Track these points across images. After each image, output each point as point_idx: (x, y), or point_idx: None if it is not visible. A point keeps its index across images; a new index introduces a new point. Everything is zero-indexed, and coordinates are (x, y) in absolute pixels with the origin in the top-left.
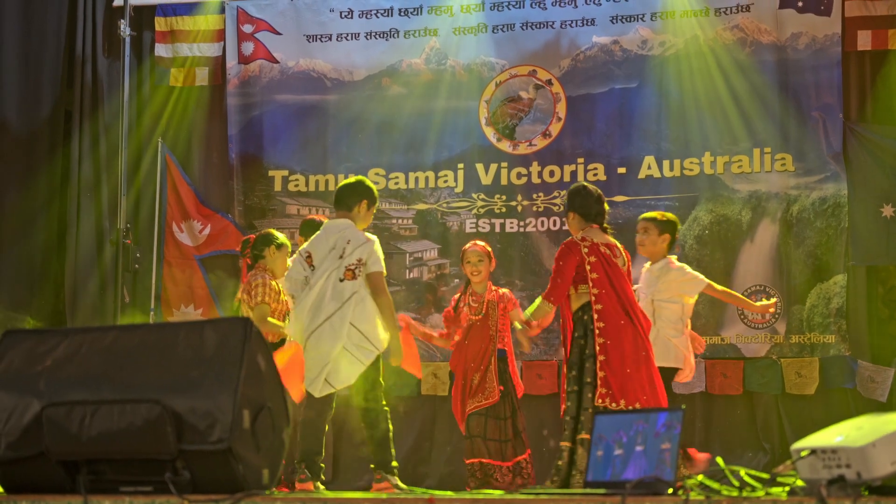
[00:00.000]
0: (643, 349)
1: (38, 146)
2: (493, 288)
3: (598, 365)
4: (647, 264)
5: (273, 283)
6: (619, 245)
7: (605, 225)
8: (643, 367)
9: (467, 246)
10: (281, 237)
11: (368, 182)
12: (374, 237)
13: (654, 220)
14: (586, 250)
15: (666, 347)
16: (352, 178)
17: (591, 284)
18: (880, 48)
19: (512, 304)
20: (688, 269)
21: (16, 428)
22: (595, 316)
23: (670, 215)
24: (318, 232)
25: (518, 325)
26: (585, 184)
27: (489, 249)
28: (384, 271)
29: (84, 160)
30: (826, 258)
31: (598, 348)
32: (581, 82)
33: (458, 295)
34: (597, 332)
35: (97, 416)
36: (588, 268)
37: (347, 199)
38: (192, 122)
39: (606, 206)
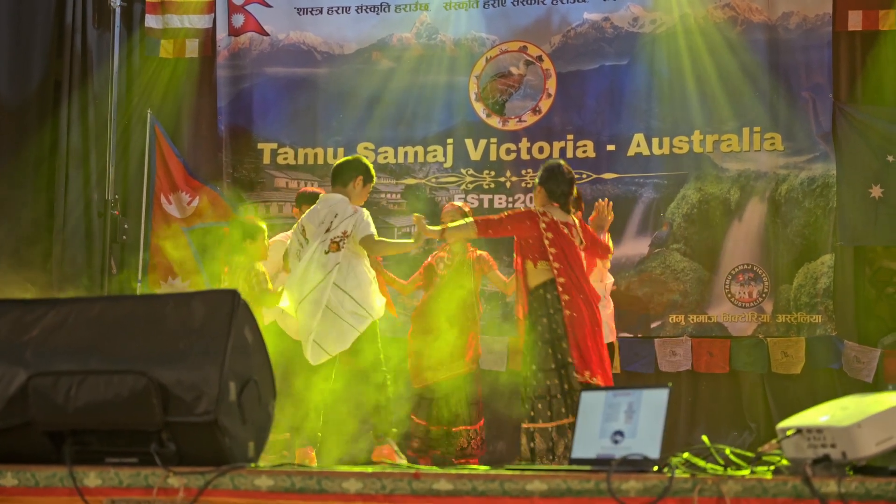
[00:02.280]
0: (597, 324)
1: (27, 116)
2: (471, 249)
3: (568, 338)
4: None
5: (261, 267)
6: (577, 225)
7: (569, 207)
8: (598, 342)
9: (445, 207)
10: (252, 227)
11: (365, 160)
12: (362, 209)
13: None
14: (544, 225)
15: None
16: (350, 156)
17: (551, 259)
18: (871, 28)
19: (488, 267)
20: None
21: (1, 398)
22: (560, 289)
23: None
24: (314, 205)
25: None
26: (562, 162)
27: (465, 209)
28: (375, 234)
29: (72, 131)
30: (814, 238)
31: (565, 321)
32: (571, 59)
33: (436, 251)
34: (563, 304)
35: (83, 387)
36: (546, 243)
37: (343, 175)
38: (182, 94)
39: (576, 192)
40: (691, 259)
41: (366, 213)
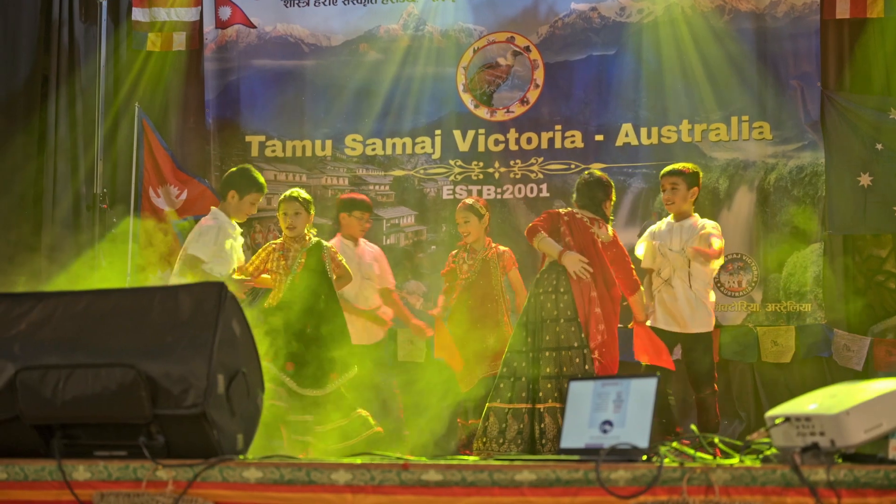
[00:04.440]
0: None
1: (14, 111)
2: (493, 245)
3: None
4: (670, 219)
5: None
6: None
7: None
8: None
9: (460, 205)
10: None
11: (250, 171)
12: (210, 224)
13: (681, 173)
14: None
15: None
16: (234, 167)
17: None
18: (858, 16)
19: (511, 264)
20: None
21: None
22: None
23: (693, 166)
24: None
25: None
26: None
27: (477, 206)
28: (197, 254)
29: (60, 125)
30: (803, 227)
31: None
32: (559, 49)
33: (455, 251)
34: None
35: (71, 381)
36: None
37: (221, 189)
38: (169, 87)
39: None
40: None
41: (209, 229)
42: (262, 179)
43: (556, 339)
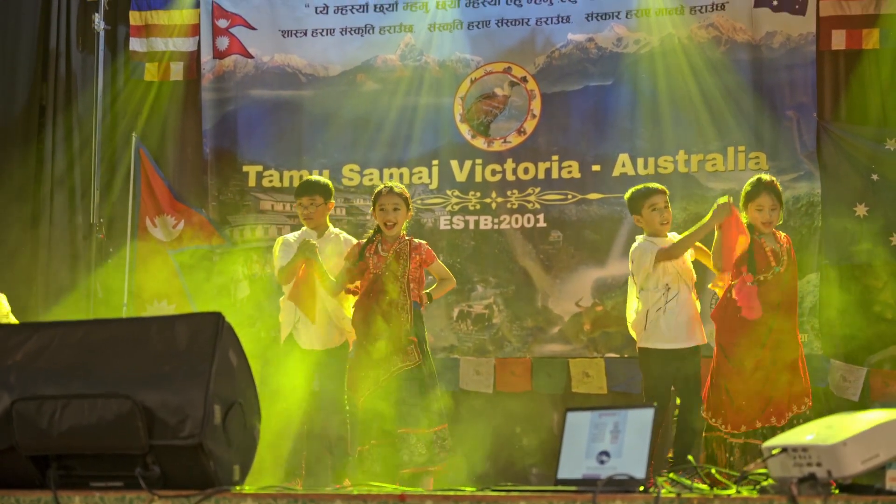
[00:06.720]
0: None
1: (11, 140)
2: (406, 239)
3: None
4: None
5: None
6: None
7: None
8: None
9: (382, 190)
10: None
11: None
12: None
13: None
14: None
15: None
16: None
17: None
18: (854, 48)
19: (431, 258)
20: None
21: None
22: None
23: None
24: None
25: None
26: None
27: (407, 195)
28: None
29: (57, 154)
30: (799, 257)
31: None
32: (556, 80)
33: (365, 242)
34: None
35: (67, 411)
36: None
37: None
38: (166, 117)
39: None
40: None
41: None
42: None
43: None
